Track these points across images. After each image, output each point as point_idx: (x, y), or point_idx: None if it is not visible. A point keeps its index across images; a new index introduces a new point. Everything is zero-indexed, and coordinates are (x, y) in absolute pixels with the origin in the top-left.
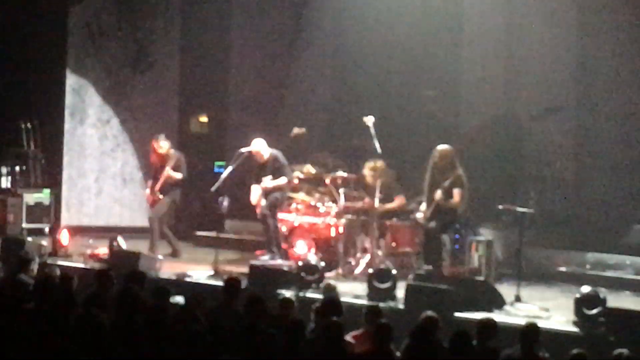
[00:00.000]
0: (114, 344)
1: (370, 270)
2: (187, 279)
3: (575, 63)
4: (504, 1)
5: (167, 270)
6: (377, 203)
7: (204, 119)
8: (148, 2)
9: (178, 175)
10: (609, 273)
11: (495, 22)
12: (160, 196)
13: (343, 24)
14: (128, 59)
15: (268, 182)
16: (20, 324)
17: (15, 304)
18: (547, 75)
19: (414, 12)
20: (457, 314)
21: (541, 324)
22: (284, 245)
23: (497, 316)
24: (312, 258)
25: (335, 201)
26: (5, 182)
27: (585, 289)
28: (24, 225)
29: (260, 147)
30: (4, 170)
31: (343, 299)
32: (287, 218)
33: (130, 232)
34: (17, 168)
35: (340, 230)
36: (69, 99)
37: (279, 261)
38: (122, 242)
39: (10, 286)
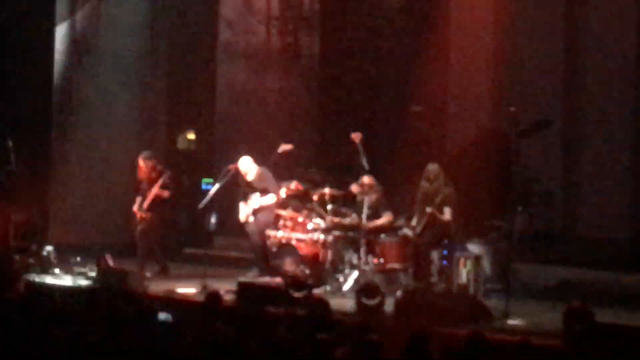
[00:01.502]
0: None
1: (358, 287)
2: (175, 296)
3: (563, 77)
4: (492, 16)
5: (155, 287)
6: (365, 220)
7: (191, 135)
8: (134, 21)
9: (166, 193)
10: (597, 288)
11: (483, 37)
12: (148, 213)
13: (331, 40)
14: (115, 75)
15: (256, 200)
16: (7, 341)
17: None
18: (535, 90)
19: (401, 27)
20: (446, 330)
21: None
22: (271, 262)
23: (486, 332)
24: (300, 275)
25: (323, 218)
26: None
27: (574, 304)
28: (12, 243)
29: (247, 165)
30: None
31: (331, 315)
32: (275, 235)
33: (118, 249)
34: (4, 186)
35: (328, 246)
36: (56, 116)
37: (267, 278)
38: (110, 260)
39: None
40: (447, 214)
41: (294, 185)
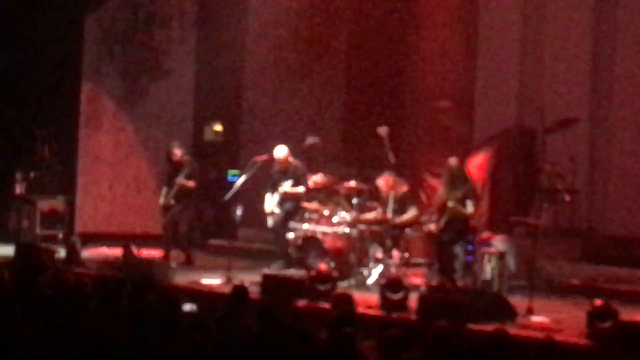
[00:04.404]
0: (126, 352)
1: (383, 281)
2: (200, 287)
3: (589, 74)
4: (519, 12)
5: (180, 278)
6: (390, 214)
7: (218, 127)
8: (164, 11)
9: (191, 183)
10: (622, 286)
11: (510, 34)
12: (174, 204)
13: (356, 35)
14: (143, 66)
15: (287, 187)
16: (34, 330)
17: (29, 311)
18: (561, 87)
19: (428, 22)
20: (469, 326)
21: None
22: (296, 255)
23: (510, 328)
24: (325, 268)
25: (348, 211)
26: (20, 189)
27: (598, 302)
28: (38, 231)
29: (285, 153)
30: (19, 176)
31: (355, 309)
32: (300, 227)
33: (143, 239)
34: (32, 174)
35: (353, 240)
36: (84, 106)
37: (291, 271)
38: (135, 250)
39: (24, 293)
40: (469, 207)
41: (320, 178)
